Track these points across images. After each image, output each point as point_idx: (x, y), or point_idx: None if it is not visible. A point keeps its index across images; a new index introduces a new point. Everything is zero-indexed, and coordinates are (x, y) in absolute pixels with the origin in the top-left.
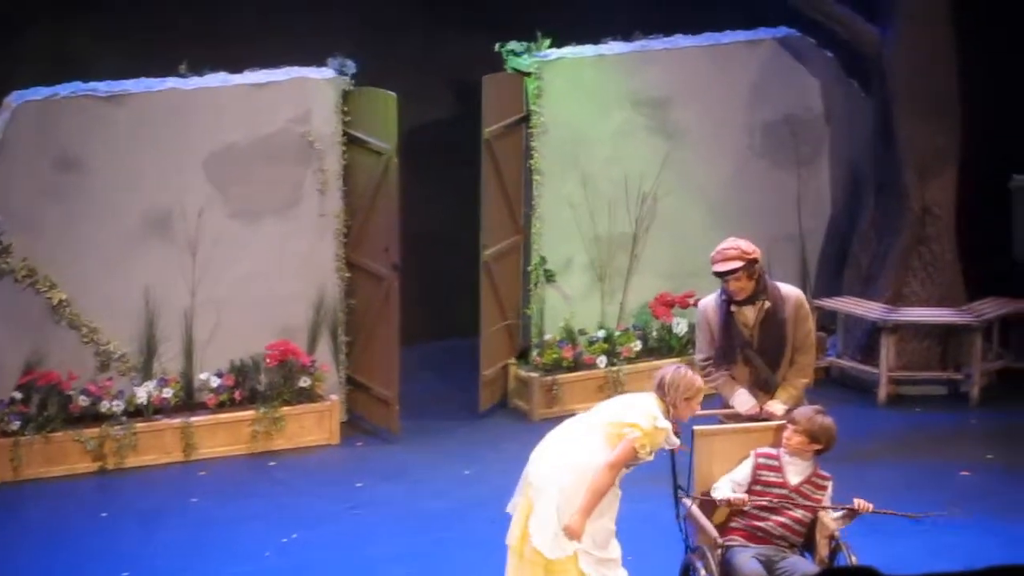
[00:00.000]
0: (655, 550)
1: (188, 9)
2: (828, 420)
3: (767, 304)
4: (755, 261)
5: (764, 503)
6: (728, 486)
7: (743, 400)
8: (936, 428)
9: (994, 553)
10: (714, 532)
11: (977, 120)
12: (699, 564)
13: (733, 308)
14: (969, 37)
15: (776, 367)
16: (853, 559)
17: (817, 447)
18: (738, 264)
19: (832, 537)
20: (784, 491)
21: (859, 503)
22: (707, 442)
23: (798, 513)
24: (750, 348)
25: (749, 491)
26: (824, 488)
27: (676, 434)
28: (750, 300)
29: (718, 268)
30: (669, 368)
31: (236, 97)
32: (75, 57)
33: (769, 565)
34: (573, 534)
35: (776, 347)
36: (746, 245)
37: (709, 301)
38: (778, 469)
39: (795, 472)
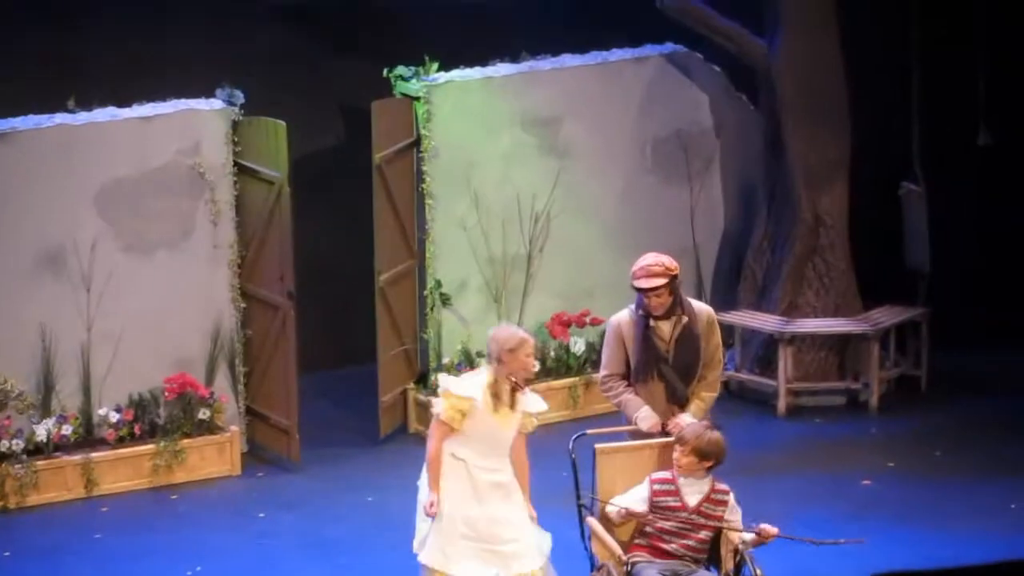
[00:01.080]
0: (562, 570)
1: (74, 43)
2: (715, 435)
3: (684, 319)
4: (676, 276)
5: (667, 527)
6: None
7: (645, 416)
8: (836, 438)
9: (898, 561)
10: (618, 549)
11: (866, 128)
12: None
13: (652, 323)
14: (855, 45)
15: (689, 382)
16: (758, 571)
17: (708, 464)
18: (662, 281)
19: (736, 551)
20: (684, 514)
21: (765, 529)
22: (610, 460)
23: (702, 533)
24: (666, 363)
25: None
26: (724, 503)
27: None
28: (667, 315)
29: (642, 284)
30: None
31: (125, 131)
32: None
33: None
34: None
35: (691, 362)
36: (668, 261)
37: (623, 316)
38: (675, 492)
39: (692, 493)
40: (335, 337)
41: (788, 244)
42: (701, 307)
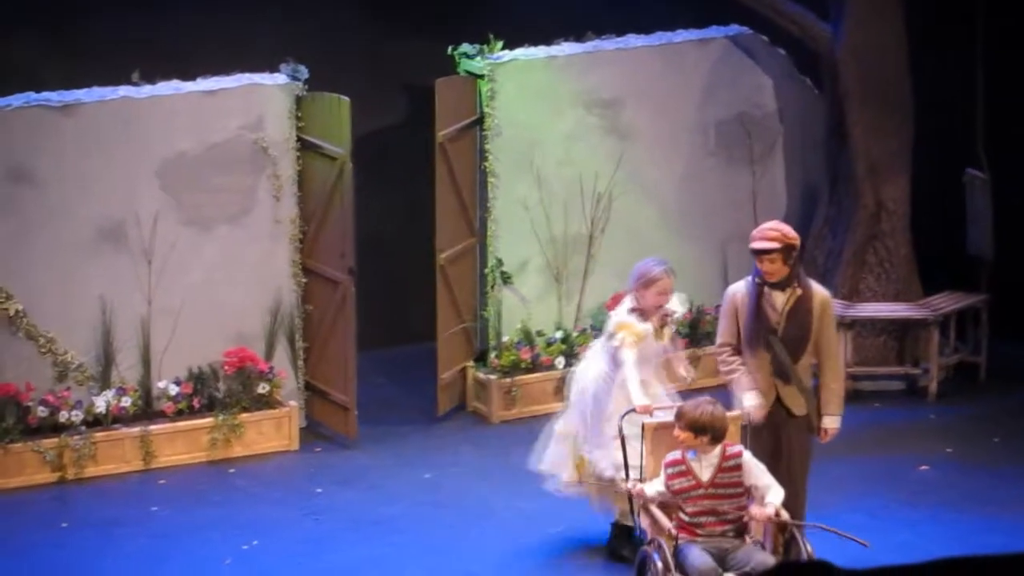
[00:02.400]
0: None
1: (138, 17)
2: (709, 408)
3: (798, 291)
4: (793, 248)
5: (693, 510)
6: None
7: (750, 400)
8: (894, 423)
9: (952, 547)
10: (668, 524)
11: (930, 115)
12: (655, 556)
13: (765, 291)
14: (920, 32)
15: (797, 357)
16: (808, 549)
17: (705, 438)
18: (776, 245)
19: (785, 527)
20: (701, 491)
21: (753, 512)
22: (658, 435)
23: (726, 505)
24: (775, 335)
25: None
26: (738, 468)
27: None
28: (781, 285)
29: (756, 245)
30: None
31: (188, 105)
32: (25, 67)
33: (722, 557)
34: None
35: (800, 336)
36: (788, 230)
37: (739, 285)
38: (687, 472)
39: (705, 467)
40: (394, 314)
41: (849, 230)
42: (820, 289)
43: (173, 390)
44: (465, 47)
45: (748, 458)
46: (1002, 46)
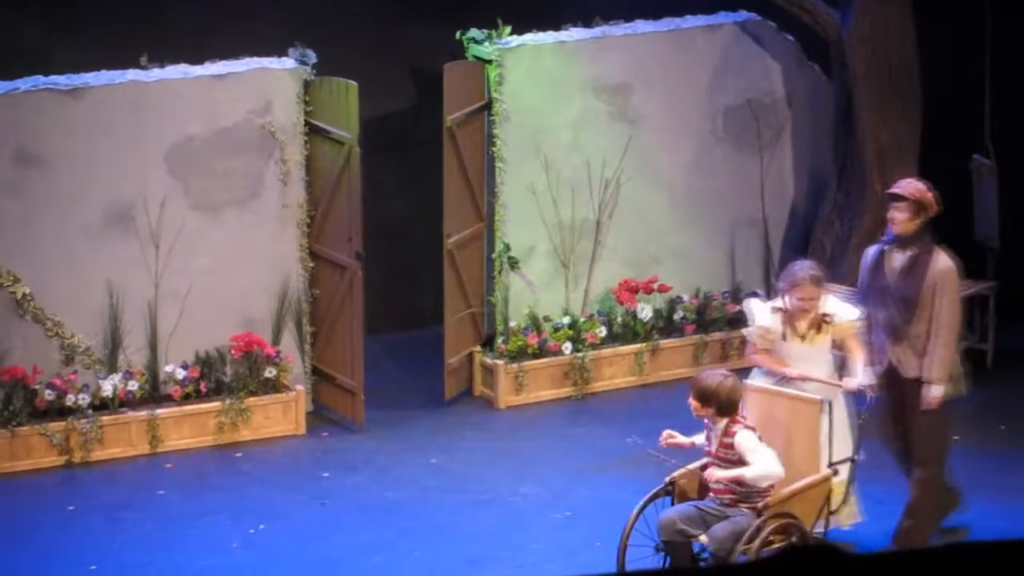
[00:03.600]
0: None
1: (147, 1)
2: (714, 379)
3: (914, 253)
4: (924, 208)
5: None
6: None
7: (860, 373)
8: None
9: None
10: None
11: (938, 102)
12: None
13: (886, 249)
14: (927, 19)
15: (908, 317)
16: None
17: (710, 408)
18: (907, 195)
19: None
20: (709, 459)
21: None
22: (754, 399)
23: (717, 473)
24: (889, 293)
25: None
26: (731, 445)
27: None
28: (903, 244)
29: (892, 188)
30: None
31: (197, 89)
32: (33, 50)
33: (709, 523)
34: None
35: (910, 296)
36: (927, 192)
37: (872, 246)
38: (709, 438)
39: (714, 438)
40: (402, 299)
41: (857, 216)
42: (944, 258)
43: (180, 374)
44: (473, 32)
45: (741, 439)
46: (1011, 34)
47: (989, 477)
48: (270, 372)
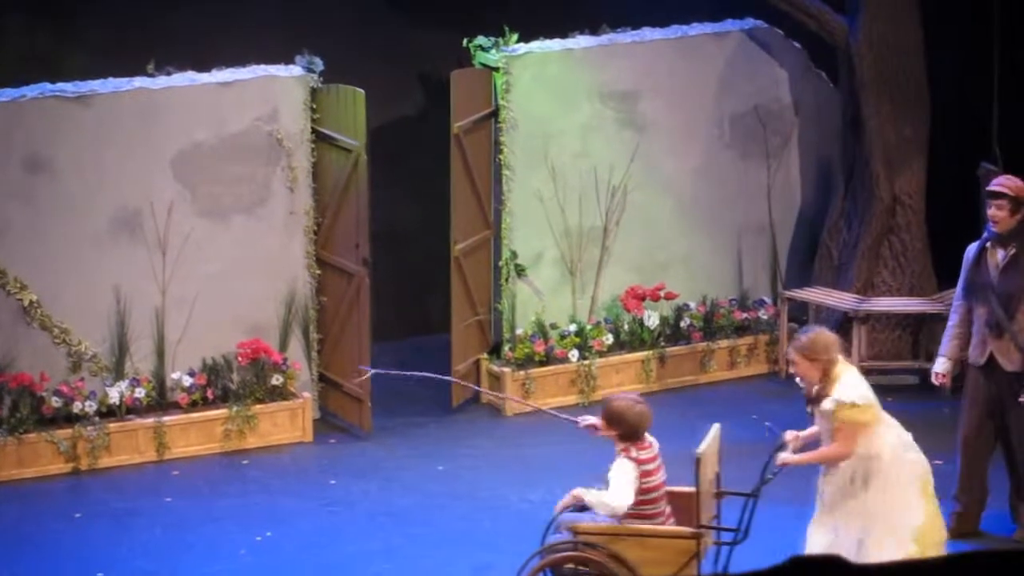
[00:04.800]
0: None
1: (154, 8)
2: (621, 404)
3: (1014, 249)
4: (1021, 203)
5: None
6: None
7: (939, 364)
8: (908, 417)
9: (968, 542)
10: None
11: (945, 108)
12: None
13: (987, 245)
14: (935, 25)
15: (1012, 313)
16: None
17: (613, 431)
18: (1007, 191)
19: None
20: None
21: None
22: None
23: (577, 491)
24: (992, 289)
25: None
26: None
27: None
28: (1004, 241)
29: (990, 187)
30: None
31: (204, 96)
32: (41, 57)
33: None
34: None
35: (1013, 292)
36: (1023, 184)
37: (974, 243)
38: None
39: None
40: (409, 306)
41: (864, 223)
42: None
43: (187, 381)
44: (481, 39)
45: (614, 466)
46: (1018, 40)
47: (996, 485)
48: (277, 379)
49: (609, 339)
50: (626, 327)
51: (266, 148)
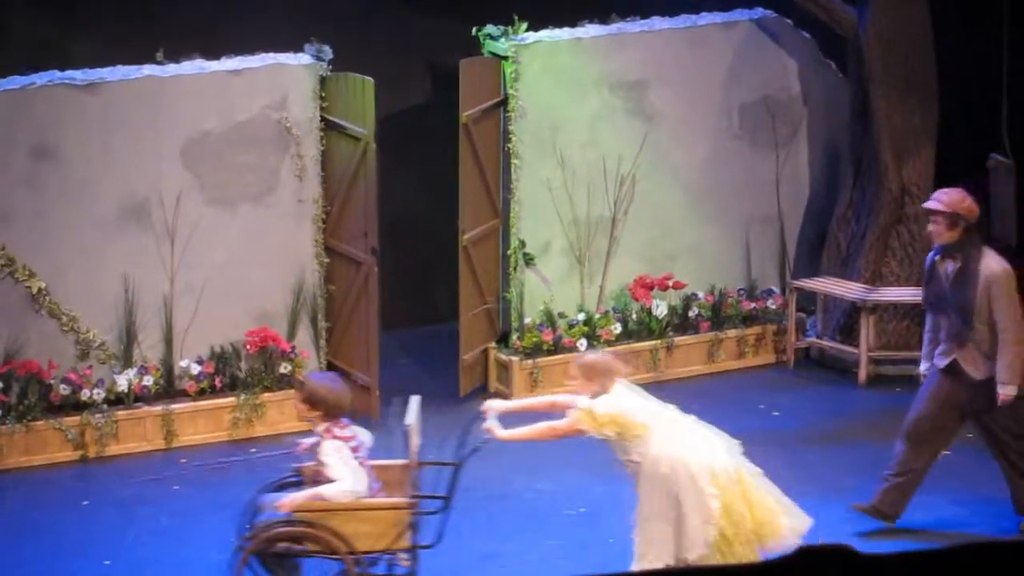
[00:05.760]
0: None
1: None
2: (323, 385)
3: (960, 263)
4: (959, 218)
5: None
6: None
7: (923, 365)
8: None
9: (975, 531)
10: None
11: (954, 99)
12: None
13: (936, 258)
14: (944, 16)
15: (969, 325)
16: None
17: (318, 412)
18: (939, 207)
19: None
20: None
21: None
22: None
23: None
24: (947, 301)
25: None
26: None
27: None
28: (950, 253)
29: (926, 203)
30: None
31: (213, 84)
32: (50, 45)
33: None
34: None
35: (965, 304)
36: (959, 199)
37: (930, 253)
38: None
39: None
40: (417, 295)
41: (873, 213)
42: (991, 263)
43: (195, 369)
44: (490, 28)
45: (325, 449)
46: None
47: (1000, 475)
48: (285, 368)
49: (617, 328)
50: (634, 317)
51: (275, 136)
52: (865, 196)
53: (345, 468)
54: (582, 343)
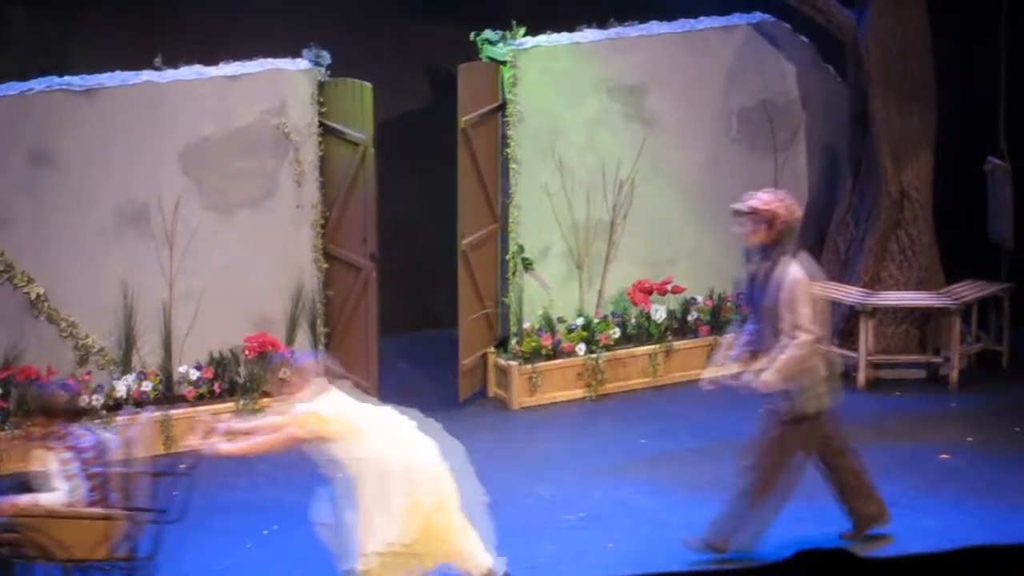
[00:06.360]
0: (633, 537)
1: (161, 1)
2: (51, 393)
3: (766, 266)
4: (764, 219)
5: None
6: None
7: (714, 365)
8: (915, 411)
9: (973, 536)
10: None
11: (952, 103)
12: None
13: (748, 262)
14: (943, 20)
15: (771, 331)
16: None
17: (50, 423)
18: (745, 209)
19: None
20: None
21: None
22: None
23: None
24: (759, 304)
25: None
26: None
27: None
28: (760, 256)
29: (736, 204)
30: None
31: (211, 89)
32: (48, 51)
33: None
34: None
35: (770, 307)
36: (768, 200)
37: None
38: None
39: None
40: (416, 300)
41: (872, 217)
42: (793, 269)
43: (194, 374)
44: (488, 33)
45: (45, 460)
46: None
47: (1003, 479)
48: (284, 373)
49: (616, 333)
50: (633, 321)
51: (273, 142)
52: (864, 200)
53: (63, 478)
54: (581, 348)
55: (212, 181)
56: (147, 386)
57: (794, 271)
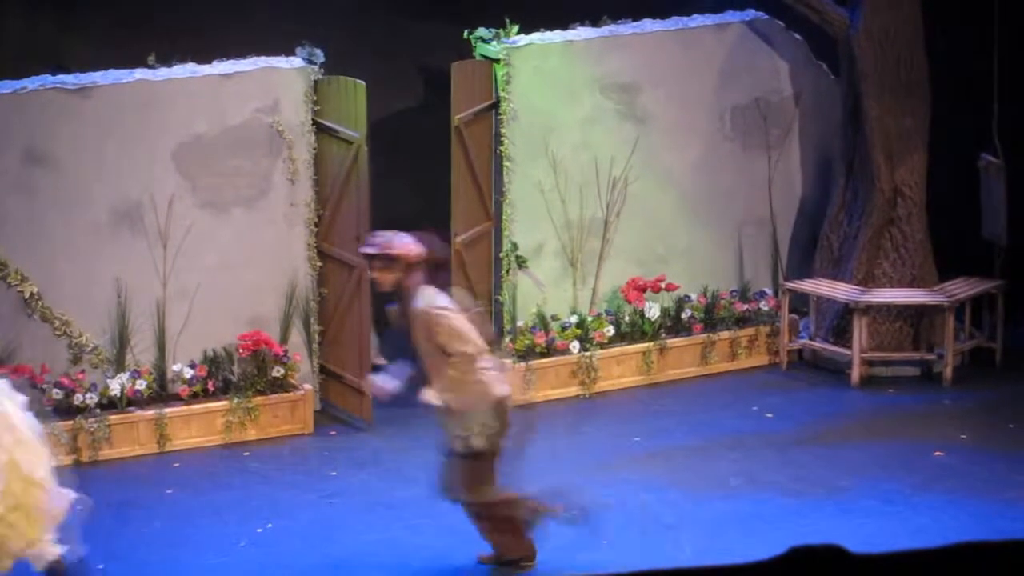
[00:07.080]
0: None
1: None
2: None
3: (402, 304)
4: (395, 260)
5: None
6: None
7: (382, 378)
8: (909, 409)
9: (968, 532)
10: None
11: (946, 100)
12: None
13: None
14: (936, 16)
15: (426, 366)
16: None
17: None
18: (373, 252)
19: None
20: None
21: None
22: None
23: None
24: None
25: None
26: None
27: None
28: (396, 298)
29: (362, 247)
30: None
31: (205, 88)
32: (41, 49)
33: None
34: None
35: (415, 343)
36: (397, 241)
37: None
38: None
39: None
40: None
41: (865, 214)
42: (419, 303)
43: (188, 373)
44: (481, 31)
45: None
46: (1019, 32)
47: (997, 476)
48: (278, 371)
49: (610, 331)
50: (627, 319)
51: (267, 140)
52: (857, 197)
53: None
54: (575, 346)
55: (206, 179)
56: (141, 385)
57: (420, 303)
